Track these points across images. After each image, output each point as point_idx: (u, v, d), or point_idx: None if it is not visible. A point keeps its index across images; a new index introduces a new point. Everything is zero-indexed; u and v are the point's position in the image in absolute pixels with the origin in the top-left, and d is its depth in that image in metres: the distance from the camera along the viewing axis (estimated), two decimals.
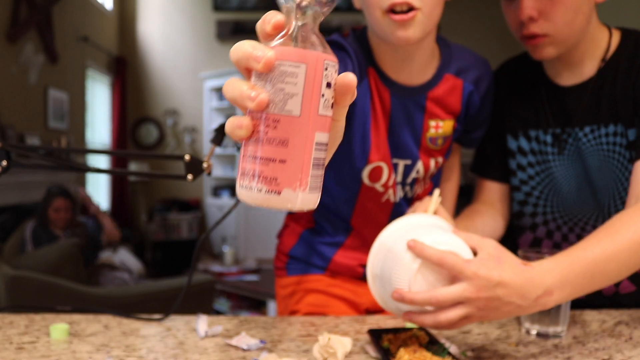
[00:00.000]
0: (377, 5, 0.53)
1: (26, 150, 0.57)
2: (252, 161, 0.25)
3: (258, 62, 0.25)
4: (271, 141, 0.25)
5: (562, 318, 0.56)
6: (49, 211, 2.15)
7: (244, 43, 0.26)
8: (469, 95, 0.64)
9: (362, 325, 0.61)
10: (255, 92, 0.25)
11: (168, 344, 0.54)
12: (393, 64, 0.60)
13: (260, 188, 0.25)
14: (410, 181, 0.66)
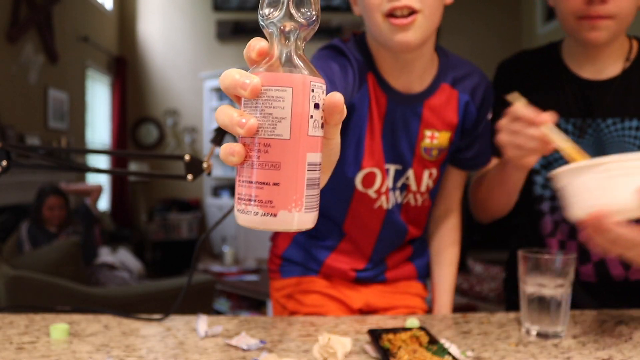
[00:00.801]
0: (378, 9, 0.53)
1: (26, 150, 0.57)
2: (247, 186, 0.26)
3: (245, 89, 0.26)
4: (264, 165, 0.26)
5: (562, 318, 0.56)
6: (43, 210, 2.15)
7: (231, 71, 0.27)
8: (465, 105, 0.64)
9: (362, 325, 0.61)
10: (245, 119, 0.26)
11: (168, 344, 0.54)
12: (392, 70, 0.60)
13: (257, 211, 0.26)
14: (400, 185, 0.66)
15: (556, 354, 0.51)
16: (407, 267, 0.75)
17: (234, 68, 0.27)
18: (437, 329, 0.59)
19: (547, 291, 0.56)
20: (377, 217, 0.67)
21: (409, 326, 0.57)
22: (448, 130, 0.64)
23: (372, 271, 0.72)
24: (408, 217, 0.69)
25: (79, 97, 3.72)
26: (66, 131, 3.44)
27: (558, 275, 0.56)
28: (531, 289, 0.57)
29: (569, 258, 0.56)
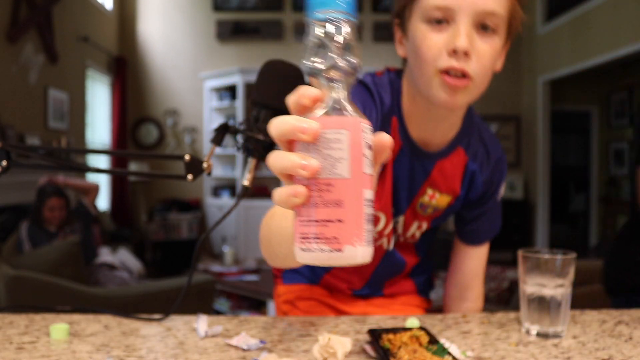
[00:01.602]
0: (433, 64, 0.51)
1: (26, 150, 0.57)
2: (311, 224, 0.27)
3: (305, 133, 0.27)
4: (327, 204, 0.27)
5: (562, 318, 0.56)
6: (44, 210, 2.15)
7: (286, 118, 0.28)
8: (471, 175, 0.63)
9: (362, 325, 0.61)
10: (306, 161, 0.27)
11: (168, 344, 0.54)
12: (419, 119, 0.58)
13: (323, 249, 0.27)
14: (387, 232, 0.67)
15: (556, 354, 0.51)
16: (406, 283, 0.75)
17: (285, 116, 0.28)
18: (437, 329, 0.59)
19: (547, 291, 0.56)
20: (377, 255, 0.68)
21: (409, 326, 0.57)
22: (449, 195, 0.64)
23: (369, 290, 0.73)
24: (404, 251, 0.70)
25: (79, 97, 3.72)
26: (66, 131, 3.44)
27: (558, 275, 0.56)
28: (531, 289, 0.57)
29: (569, 258, 0.56)
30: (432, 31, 0.51)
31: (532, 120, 4.57)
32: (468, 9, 0.49)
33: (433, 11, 0.50)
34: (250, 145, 0.57)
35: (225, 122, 0.59)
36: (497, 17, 0.50)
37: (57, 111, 3.34)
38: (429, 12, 0.50)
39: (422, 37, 0.51)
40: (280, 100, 0.56)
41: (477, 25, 0.50)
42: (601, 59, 3.54)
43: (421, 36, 0.51)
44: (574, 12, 3.86)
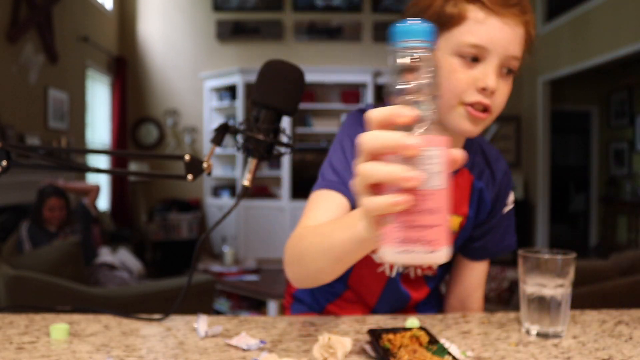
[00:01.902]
0: (459, 96, 0.54)
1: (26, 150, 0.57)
2: (412, 230, 0.31)
3: (409, 149, 0.30)
4: (428, 211, 0.31)
5: (562, 318, 0.56)
6: (44, 210, 2.15)
7: (384, 134, 0.31)
8: (478, 193, 0.64)
9: (362, 325, 0.61)
10: (410, 174, 0.30)
11: (168, 344, 0.54)
12: None
13: (423, 250, 0.31)
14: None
15: (556, 354, 0.51)
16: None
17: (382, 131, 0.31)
18: (437, 329, 0.59)
19: (547, 291, 0.56)
20: (379, 282, 0.68)
21: (409, 326, 0.57)
22: (460, 216, 0.64)
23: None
24: (409, 285, 0.70)
25: (79, 97, 3.72)
26: (66, 131, 3.44)
27: (558, 275, 0.56)
28: (531, 289, 0.57)
29: (569, 258, 0.56)
30: (463, 66, 0.54)
31: (532, 120, 4.57)
32: (500, 52, 0.53)
33: (468, 48, 0.53)
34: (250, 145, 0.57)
35: (225, 122, 0.59)
36: (518, 61, 0.54)
37: (57, 111, 3.34)
38: (463, 49, 0.53)
39: (451, 70, 0.54)
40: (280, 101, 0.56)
41: (503, 66, 0.54)
42: (601, 59, 3.54)
43: (451, 69, 0.54)
44: (574, 12, 3.86)
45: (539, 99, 4.42)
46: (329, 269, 0.46)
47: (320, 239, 0.46)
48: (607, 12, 3.48)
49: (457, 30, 0.54)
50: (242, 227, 4.14)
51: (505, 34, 0.52)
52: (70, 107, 3.51)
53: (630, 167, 4.76)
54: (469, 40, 0.53)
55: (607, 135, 5.12)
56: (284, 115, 0.58)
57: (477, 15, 0.53)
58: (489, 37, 0.52)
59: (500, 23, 0.52)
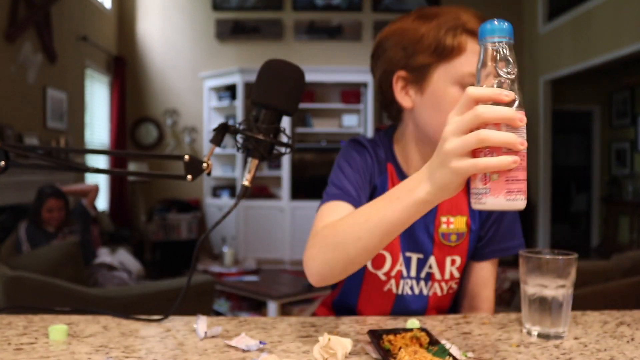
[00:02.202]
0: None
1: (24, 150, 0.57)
2: (517, 182, 0.39)
3: (522, 122, 0.38)
4: (523, 168, 0.39)
5: (564, 319, 0.56)
6: (42, 211, 2.15)
7: (501, 108, 0.38)
8: None
9: (362, 326, 0.61)
10: (521, 139, 0.38)
11: (167, 345, 0.54)
12: (414, 161, 0.65)
13: (521, 198, 0.40)
14: (424, 276, 0.67)
15: (557, 355, 0.51)
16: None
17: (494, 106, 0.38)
18: (438, 330, 0.59)
19: (548, 292, 0.55)
20: (387, 301, 0.68)
21: (409, 327, 0.57)
22: (463, 215, 0.66)
23: None
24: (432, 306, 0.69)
25: (77, 97, 3.71)
26: (65, 131, 3.43)
27: (559, 275, 0.55)
28: (532, 289, 0.57)
29: (571, 259, 0.56)
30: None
31: (533, 120, 4.56)
32: None
33: (469, 78, 0.57)
34: (250, 145, 0.57)
35: (225, 122, 0.59)
36: None
37: (56, 111, 3.33)
38: (464, 78, 0.57)
39: (452, 101, 0.57)
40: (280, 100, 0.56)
41: None
42: (603, 59, 3.53)
43: (451, 100, 0.57)
44: (575, 12, 3.86)
45: (540, 99, 4.42)
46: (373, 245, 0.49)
47: (365, 218, 0.49)
48: (608, 12, 3.47)
49: (457, 61, 0.57)
50: (241, 228, 4.14)
51: None
52: (69, 107, 3.50)
53: (632, 167, 4.76)
54: (469, 70, 0.56)
55: (609, 135, 5.12)
56: (284, 115, 0.58)
57: (475, 47, 0.56)
58: None
59: None
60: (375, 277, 0.67)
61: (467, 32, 0.56)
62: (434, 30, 0.57)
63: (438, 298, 0.68)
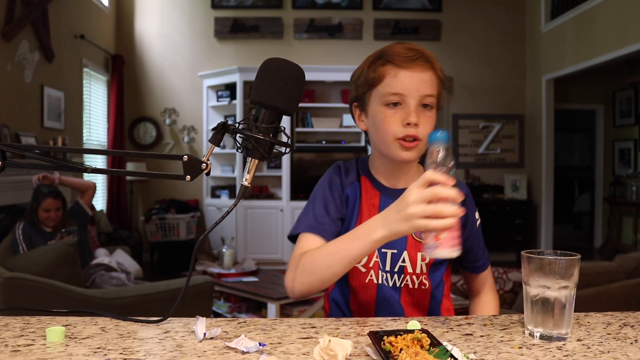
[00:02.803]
0: (393, 135, 0.71)
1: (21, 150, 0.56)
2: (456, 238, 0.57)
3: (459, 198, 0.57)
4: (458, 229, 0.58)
5: (567, 320, 0.55)
6: (39, 211, 2.14)
7: (451, 190, 0.56)
8: None
9: (362, 327, 0.60)
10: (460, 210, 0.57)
11: (166, 347, 0.53)
12: (386, 173, 0.78)
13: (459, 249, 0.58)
14: (398, 269, 0.75)
15: (560, 357, 0.50)
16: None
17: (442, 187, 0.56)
18: (439, 332, 0.59)
19: (551, 293, 0.55)
20: (371, 290, 0.75)
21: (410, 328, 0.57)
22: None
23: None
24: (407, 300, 0.76)
25: (75, 96, 3.70)
26: (62, 130, 3.42)
27: (562, 276, 0.55)
28: (535, 290, 0.56)
29: (573, 259, 0.56)
30: (390, 112, 0.71)
31: (536, 119, 4.57)
32: (415, 94, 0.70)
33: (390, 96, 0.71)
34: (250, 145, 0.56)
35: (224, 121, 0.58)
36: (432, 97, 0.72)
37: (53, 110, 3.31)
38: (387, 97, 0.71)
39: (383, 117, 0.72)
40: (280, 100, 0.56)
41: (421, 104, 0.71)
42: (606, 57, 3.52)
43: (382, 116, 0.72)
44: (579, 10, 3.85)
45: (542, 98, 4.42)
46: (341, 270, 0.65)
47: (335, 251, 0.66)
48: (612, 10, 3.47)
49: (380, 86, 0.72)
50: (241, 228, 4.13)
51: (415, 81, 0.70)
52: (66, 106, 3.49)
53: (635, 167, 4.74)
54: (389, 90, 0.71)
55: (613, 135, 5.10)
56: (284, 115, 0.58)
57: (391, 72, 0.71)
58: (402, 85, 0.70)
59: (410, 73, 0.70)
60: (357, 270, 0.76)
61: (385, 62, 0.71)
62: (365, 66, 0.74)
63: (410, 290, 0.76)
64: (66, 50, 3.49)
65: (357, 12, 4.50)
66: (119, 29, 4.48)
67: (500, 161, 4.68)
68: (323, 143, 4.27)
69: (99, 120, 4.22)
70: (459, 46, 4.51)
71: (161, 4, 4.51)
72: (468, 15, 4.52)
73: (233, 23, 4.45)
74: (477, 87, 4.60)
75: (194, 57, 4.50)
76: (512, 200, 4.47)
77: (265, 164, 4.17)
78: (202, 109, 4.47)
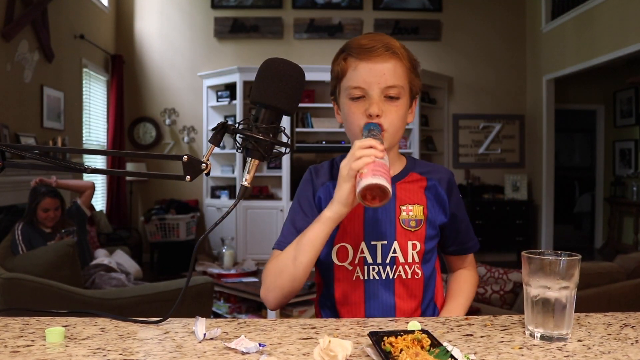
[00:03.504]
0: (358, 126, 0.72)
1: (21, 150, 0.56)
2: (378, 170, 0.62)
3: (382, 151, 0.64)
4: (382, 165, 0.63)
5: (567, 321, 0.55)
6: (38, 211, 2.13)
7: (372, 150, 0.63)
8: (433, 187, 0.78)
9: (363, 327, 0.60)
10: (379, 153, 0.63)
11: (166, 347, 0.53)
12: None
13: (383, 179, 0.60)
14: (389, 260, 0.75)
15: (561, 358, 0.50)
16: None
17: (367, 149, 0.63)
18: (440, 332, 0.59)
19: (551, 293, 0.55)
20: (358, 288, 0.74)
21: (410, 329, 0.57)
22: (420, 204, 0.77)
23: None
24: (402, 292, 0.75)
25: (75, 96, 3.69)
26: (62, 131, 3.41)
27: (563, 277, 0.55)
28: (535, 291, 0.56)
29: (574, 259, 0.56)
30: (354, 104, 0.72)
31: (536, 119, 4.56)
32: (375, 86, 0.70)
33: (352, 90, 0.72)
34: (250, 145, 0.56)
35: (224, 121, 0.58)
36: (398, 87, 0.71)
37: (53, 110, 3.31)
38: (350, 91, 0.72)
39: (349, 111, 0.73)
40: (280, 100, 0.56)
41: (385, 95, 0.71)
42: (607, 57, 3.51)
43: (348, 109, 0.73)
44: (579, 9, 3.84)
45: (543, 98, 4.41)
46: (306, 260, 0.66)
47: (296, 241, 0.68)
48: (612, 10, 3.46)
49: (345, 79, 0.73)
50: (241, 228, 4.13)
51: (376, 72, 0.70)
52: (66, 106, 3.49)
53: (636, 167, 4.73)
54: (350, 84, 0.71)
55: (613, 135, 5.09)
56: (284, 115, 0.58)
57: (352, 64, 0.71)
58: (362, 78, 0.70)
59: (369, 65, 0.70)
60: (344, 269, 0.75)
61: (348, 55, 0.72)
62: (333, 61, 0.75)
63: (403, 281, 0.75)
64: (66, 50, 3.49)
65: (357, 12, 4.50)
66: (119, 29, 4.48)
67: (501, 161, 4.68)
68: (323, 143, 4.27)
69: (98, 120, 4.22)
70: (459, 46, 4.51)
71: (161, 4, 4.50)
72: (468, 15, 4.52)
73: (233, 23, 4.45)
74: (477, 87, 4.59)
75: (193, 57, 4.50)
76: (513, 201, 4.47)
77: (265, 164, 4.17)
78: (202, 109, 4.46)
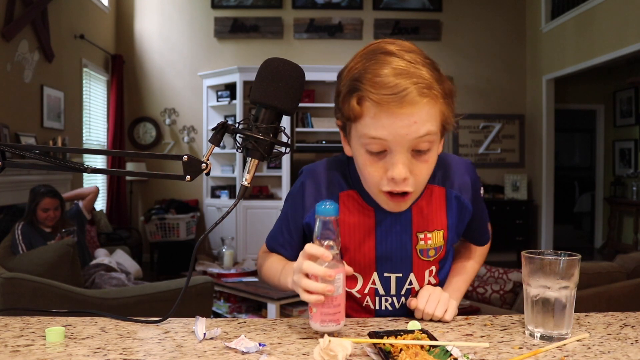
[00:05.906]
0: (376, 186, 0.57)
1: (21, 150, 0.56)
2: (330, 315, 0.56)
3: (331, 277, 0.54)
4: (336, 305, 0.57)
5: (567, 320, 0.55)
6: (38, 211, 2.13)
7: (317, 266, 0.54)
8: (456, 200, 0.65)
9: (363, 327, 0.60)
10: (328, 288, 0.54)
11: (166, 347, 0.53)
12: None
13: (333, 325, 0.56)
14: (405, 292, 0.67)
15: (560, 357, 0.50)
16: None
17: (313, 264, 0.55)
18: (439, 332, 0.59)
19: (551, 293, 0.55)
20: (369, 315, 0.69)
21: (410, 328, 0.57)
22: (440, 229, 0.65)
23: None
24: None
25: (75, 96, 3.69)
26: (62, 130, 3.41)
27: (562, 277, 0.55)
28: (535, 291, 0.56)
29: (574, 259, 0.56)
30: (372, 160, 0.56)
31: (536, 119, 4.56)
32: (401, 141, 0.53)
33: (370, 141, 0.54)
34: (250, 145, 0.56)
35: (224, 121, 0.58)
36: (431, 135, 0.54)
37: (53, 110, 3.31)
38: (366, 142, 0.55)
39: (364, 164, 0.57)
40: (280, 100, 0.56)
41: (413, 150, 0.55)
42: (606, 57, 3.51)
43: (363, 162, 0.57)
44: (579, 9, 3.84)
45: (543, 98, 4.41)
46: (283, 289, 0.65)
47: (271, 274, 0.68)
48: (612, 10, 3.46)
49: (360, 123, 0.55)
50: (241, 228, 4.13)
51: (404, 123, 0.52)
52: (66, 106, 3.49)
53: (636, 167, 4.73)
54: (368, 132, 0.54)
55: (613, 135, 5.09)
56: (284, 115, 0.58)
57: (369, 111, 0.53)
58: (386, 131, 0.52)
59: (395, 113, 0.52)
60: (352, 295, 0.68)
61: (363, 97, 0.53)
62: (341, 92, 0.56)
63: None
64: (66, 50, 3.49)
65: (357, 12, 4.50)
66: (119, 28, 4.48)
67: (501, 161, 4.68)
68: (323, 143, 4.27)
69: (98, 120, 4.22)
70: (459, 46, 4.50)
71: (161, 4, 4.50)
72: (468, 15, 4.52)
73: (233, 23, 4.45)
74: (477, 87, 4.59)
75: (193, 57, 4.50)
76: (513, 201, 4.47)
77: (265, 164, 4.17)
78: (202, 109, 4.46)
